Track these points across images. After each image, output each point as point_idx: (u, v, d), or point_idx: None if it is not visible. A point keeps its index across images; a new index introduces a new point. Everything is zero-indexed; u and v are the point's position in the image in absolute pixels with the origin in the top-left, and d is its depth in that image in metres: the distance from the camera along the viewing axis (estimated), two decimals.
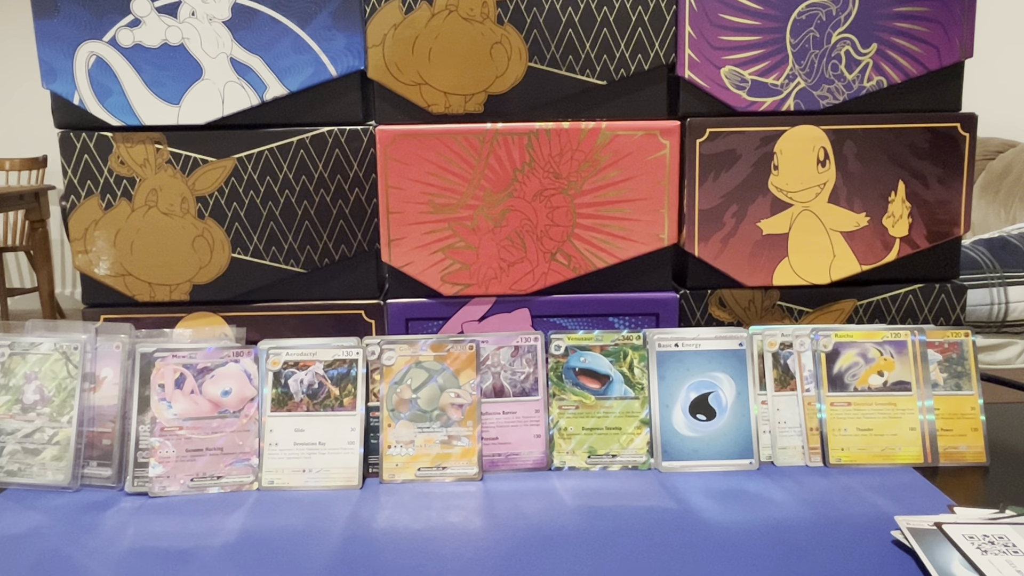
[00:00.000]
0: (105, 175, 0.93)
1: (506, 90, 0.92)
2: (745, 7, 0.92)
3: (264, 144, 0.93)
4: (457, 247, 0.94)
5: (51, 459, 0.82)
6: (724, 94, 0.93)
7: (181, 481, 0.81)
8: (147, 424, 0.83)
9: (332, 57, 0.91)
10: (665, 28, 0.92)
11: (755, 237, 0.96)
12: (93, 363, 0.85)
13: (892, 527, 0.71)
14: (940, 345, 0.88)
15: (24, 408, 0.84)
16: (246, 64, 0.91)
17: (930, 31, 0.93)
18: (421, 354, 0.85)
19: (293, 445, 0.83)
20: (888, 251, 0.97)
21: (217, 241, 0.94)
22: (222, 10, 0.90)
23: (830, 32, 0.93)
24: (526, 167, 0.93)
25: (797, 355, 0.87)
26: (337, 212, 0.94)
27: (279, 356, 0.84)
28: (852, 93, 0.94)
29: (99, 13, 0.90)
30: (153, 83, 0.91)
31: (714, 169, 0.94)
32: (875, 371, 0.87)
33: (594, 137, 0.92)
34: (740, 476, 0.83)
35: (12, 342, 0.86)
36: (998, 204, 3.02)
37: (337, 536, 0.72)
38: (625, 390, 0.86)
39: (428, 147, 0.92)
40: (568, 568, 0.67)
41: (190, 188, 0.93)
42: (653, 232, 0.95)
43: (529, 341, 0.87)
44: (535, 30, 0.91)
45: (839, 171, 0.95)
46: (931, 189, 0.96)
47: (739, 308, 0.97)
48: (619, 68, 0.93)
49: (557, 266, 0.95)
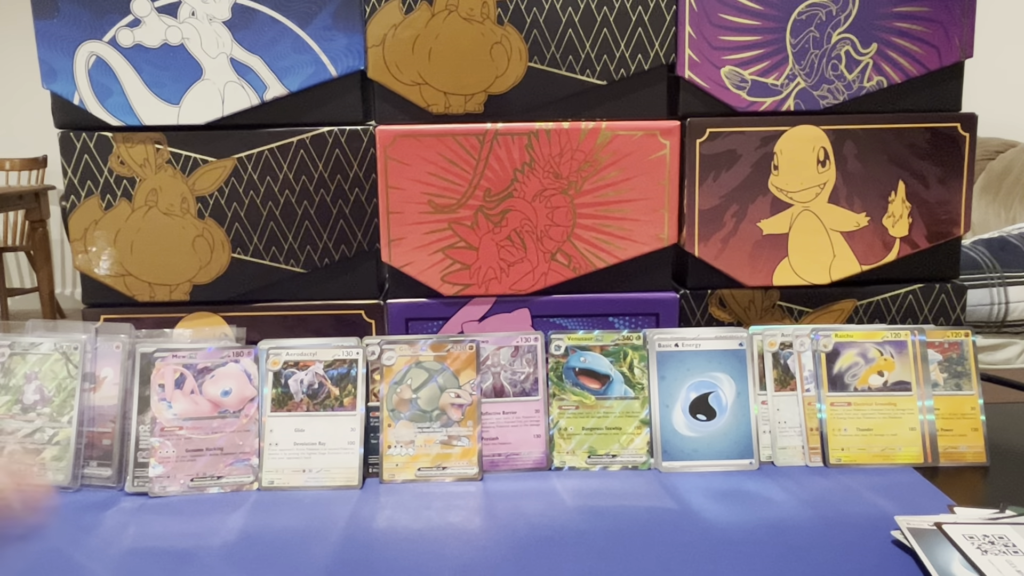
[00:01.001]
0: (105, 175, 0.93)
1: (506, 90, 0.92)
2: (745, 7, 0.92)
3: (264, 144, 0.93)
4: (457, 247, 0.94)
5: (51, 459, 0.82)
6: (724, 94, 0.93)
7: (181, 481, 0.81)
8: (147, 424, 0.83)
9: (332, 57, 0.91)
10: (665, 28, 0.92)
11: (755, 237, 0.96)
12: (93, 363, 0.85)
13: (892, 527, 0.71)
14: (940, 345, 0.88)
15: (24, 408, 0.84)
16: (246, 64, 0.91)
17: (930, 31, 0.93)
18: (421, 354, 0.85)
19: (293, 445, 0.83)
20: (888, 251, 0.97)
21: (217, 241, 0.94)
22: (222, 10, 0.90)
23: (830, 32, 0.93)
24: (526, 167, 0.93)
25: (797, 355, 0.87)
26: (337, 212, 0.94)
27: (279, 356, 0.84)
28: (852, 93, 0.94)
29: (99, 13, 0.90)
30: (153, 83, 0.91)
31: (714, 169, 0.94)
32: (875, 371, 0.87)
33: (594, 137, 0.92)
34: (740, 476, 0.83)
35: (12, 342, 0.86)
36: (998, 204, 3.02)
37: (337, 536, 0.72)
38: (625, 390, 0.86)
39: (428, 147, 0.92)
40: (568, 568, 0.67)
41: (190, 188, 0.93)
42: (653, 232, 0.95)
43: (529, 341, 0.87)
44: (535, 30, 0.91)
45: (839, 171, 0.95)
46: (931, 189, 0.96)
47: (739, 308, 0.97)
48: (619, 68, 0.93)
49: (557, 266, 0.95)
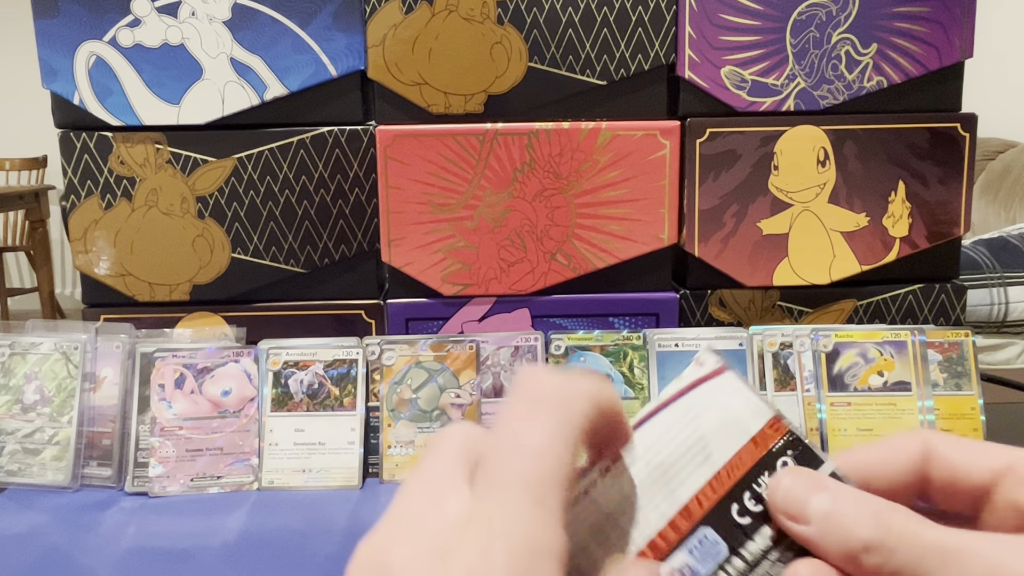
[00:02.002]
0: (105, 175, 0.93)
1: (506, 90, 0.93)
2: (745, 7, 0.92)
3: (264, 144, 0.93)
4: (457, 247, 0.94)
5: (51, 459, 0.82)
6: (724, 94, 0.93)
7: (181, 481, 0.81)
8: (147, 424, 0.83)
9: (332, 57, 0.91)
10: (665, 28, 0.92)
11: (755, 237, 0.96)
12: (93, 363, 0.85)
13: None
14: (940, 345, 0.88)
15: (24, 408, 0.84)
16: (246, 64, 0.91)
17: (930, 31, 0.93)
18: (421, 354, 0.85)
19: (293, 445, 0.83)
20: (888, 251, 0.97)
21: (217, 241, 0.94)
22: (222, 10, 0.90)
23: (830, 32, 0.93)
24: (526, 167, 0.93)
25: (797, 355, 0.87)
26: (337, 212, 0.94)
27: (279, 356, 0.84)
28: (852, 93, 0.94)
29: (99, 13, 0.90)
30: (153, 83, 0.91)
31: (714, 169, 0.94)
32: (875, 371, 0.87)
33: (594, 137, 0.92)
34: None
35: (12, 342, 0.86)
36: (998, 204, 3.02)
37: (337, 536, 0.72)
38: (625, 390, 0.86)
39: (428, 147, 0.92)
40: None
41: (190, 188, 0.93)
42: (653, 232, 0.95)
43: (529, 341, 0.87)
44: (535, 30, 0.91)
45: (839, 171, 0.95)
46: (931, 189, 0.96)
47: (739, 308, 0.97)
48: (619, 68, 0.93)
49: (557, 266, 0.95)
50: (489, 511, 0.28)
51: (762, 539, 0.33)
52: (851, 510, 0.31)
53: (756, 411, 0.35)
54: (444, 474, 0.31)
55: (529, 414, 0.30)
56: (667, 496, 0.33)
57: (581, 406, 0.30)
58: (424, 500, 0.30)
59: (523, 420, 0.30)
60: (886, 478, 0.34)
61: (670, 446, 0.34)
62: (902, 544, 0.30)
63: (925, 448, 0.34)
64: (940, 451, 0.33)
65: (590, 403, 0.31)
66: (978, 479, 0.33)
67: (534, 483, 0.28)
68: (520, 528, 0.27)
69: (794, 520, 0.32)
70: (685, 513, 0.33)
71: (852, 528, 0.31)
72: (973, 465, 0.33)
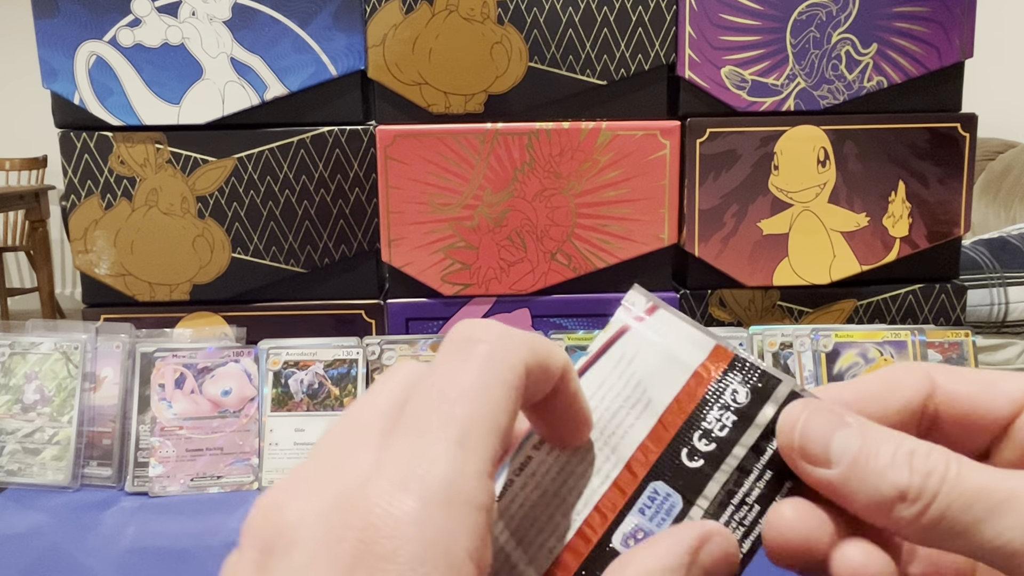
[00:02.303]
0: (105, 175, 0.93)
1: (506, 90, 0.93)
2: (745, 7, 0.92)
3: (264, 144, 0.93)
4: (457, 247, 0.94)
5: (51, 459, 0.82)
6: (724, 94, 0.93)
7: (181, 481, 0.81)
8: (147, 424, 0.83)
9: (332, 57, 0.91)
10: (665, 28, 0.92)
11: (755, 237, 0.96)
12: (93, 363, 0.85)
13: None
14: (940, 345, 0.88)
15: (24, 408, 0.84)
16: (246, 64, 0.91)
17: (930, 31, 0.93)
18: (421, 354, 0.85)
19: (293, 445, 0.83)
20: (888, 251, 0.97)
21: (217, 241, 0.94)
22: (222, 10, 0.90)
23: (830, 32, 0.93)
24: (526, 167, 0.93)
25: (797, 355, 0.87)
26: (337, 212, 0.94)
27: (279, 356, 0.84)
28: (852, 93, 0.94)
29: (99, 13, 0.90)
30: (153, 83, 0.91)
31: (714, 169, 0.94)
32: (875, 371, 0.87)
33: (594, 137, 0.92)
34: None
35: (12, 342, 0.86)
36: (998, 204, 3.02)
37: None
38: None
39: (428, 147, 0.92)
40: None
41: (190, 188, 0.93)
42: (653, 232, 0.95)
43: None
44: (535, 30, 0.91)
45: (839, 171, 0.95)
46: (931, 189, 0.96)
47: (739, 308, 0.97)
48: (619, 68, 0.93)
49: (557, 266, 0.95)
50: (399, 454, 0.24)
51: (722, 481, 0.28)
52: (884, 449, 0.26)
53: (695, 342, 0.30)
54: (371, 419, 0.26)
55: (459, 354, 0.26)
56: (608, 456, 0.29)
57: (518, 352, 0.26)
58: (341, 449, 0.26)
59: (452, 361, 0.26)
60: (884, 416, 0.29)
61: (605, 400, 0.30)
62: (943, 489, 0.25)
63: (929, 383, 0.30)
64: (947, 386, 0.30)
65: (528, 351, 0.26)
66: (996, 413, 0.29)
67: (459, 422, 0.24)
68: (435, 472, 0.23)
69: (812, 462, 0.27)
70: (629, 470, 0.29)
71: (884, 472, 0.26)
72: (987, 398, 0.29)
